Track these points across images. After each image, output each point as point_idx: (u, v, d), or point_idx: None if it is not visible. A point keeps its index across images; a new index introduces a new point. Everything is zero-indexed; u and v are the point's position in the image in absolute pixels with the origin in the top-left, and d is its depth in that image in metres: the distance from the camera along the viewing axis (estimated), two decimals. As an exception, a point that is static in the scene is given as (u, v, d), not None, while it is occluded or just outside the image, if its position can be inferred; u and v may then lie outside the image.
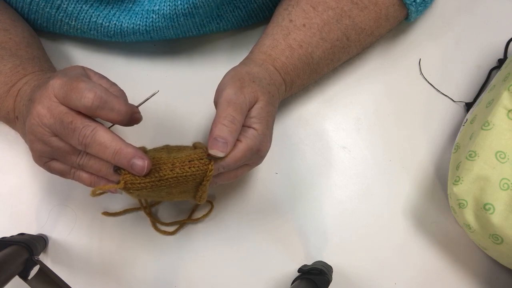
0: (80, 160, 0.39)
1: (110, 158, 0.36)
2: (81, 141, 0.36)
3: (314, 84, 0.56)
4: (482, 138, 0.45)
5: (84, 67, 0.40)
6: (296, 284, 0.43)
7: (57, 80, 0.36)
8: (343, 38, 0.49)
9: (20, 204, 0.50)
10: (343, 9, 0.48)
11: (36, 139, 0.38)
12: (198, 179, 0.39)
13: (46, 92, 0.36)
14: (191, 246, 0.50)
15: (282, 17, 0.49)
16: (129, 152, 0.36)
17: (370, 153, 0.54)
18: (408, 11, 0.52)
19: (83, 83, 0.35)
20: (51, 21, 0.52)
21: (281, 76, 0.47)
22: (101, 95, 0.35)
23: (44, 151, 0.38)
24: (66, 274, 0.48)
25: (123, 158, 0.36)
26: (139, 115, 0.40)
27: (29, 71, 0.45)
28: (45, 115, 0.36)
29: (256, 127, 0.41)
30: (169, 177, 0.38)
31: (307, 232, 0.51)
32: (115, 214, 0.50)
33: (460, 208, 0.45)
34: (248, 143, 0.40)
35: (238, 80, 0.41)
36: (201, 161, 0.39)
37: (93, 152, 0.36)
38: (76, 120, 0.36)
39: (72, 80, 0.36)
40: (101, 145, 0.36)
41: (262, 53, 0.47)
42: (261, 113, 0.41)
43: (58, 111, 0.36)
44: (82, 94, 0.35)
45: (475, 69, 0.57)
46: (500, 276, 0.49)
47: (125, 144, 0.36)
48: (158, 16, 0.49)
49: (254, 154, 0.41)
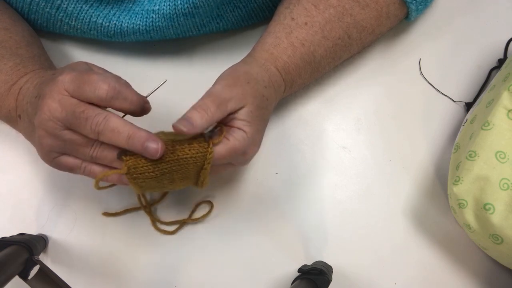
0: (94, 152, 0.39)
1: (124, 143, 0.37)
2: (94, 128, 0.37)
3: (314, 84, 0.56)
4: (482, 138, 0.45)
5: (87, 63, 0.41)
6: (296, 284, 0.43)
7: (67, 75, 0.37)
8: (344, 37, 0.49)
9: (20, 204, 0.50)
10: (345, 7, 0.48)
11: (47, 134, 0.38)
12: (199, 162, 0.40)
13: (56, 87, 0.37)
14: (191, 246, 0.50)
15: (283, 16, 0.49)
16: (142, 135, 0.37)
17: (370, 153, 0.54)
18: (408, 10, 0.52)
19: (95, 75, 0.37)
20: (51, 21, 0.52)
21: (282, 76, 0.47)
22: (115, 86, 0.37)
23: (55, 145, 0.39)
24: (66, 274, 0.48)
25: (136, 141, 0.37)
26: (148, 105, 0.41)
27: (30, 69, 0.45)
28: (57, 109, 0.37)
29: (246, 129, 0.41)
30: (170, 159, 0.39)
31: (307, 232, 0.51)
32: (115, 214, 0.50)
33: (460, 208, 0.45)
34: (234, 144, 0.40)
35: (231, 78, 0.42)
36: (201, 144, 0.39)
37: (107, 139, 0.37)
38: (88, 110, 0.37)
39: (83, 73, 0.37)
40: (114, 130, 0.37)
41: (265, 51, 0.47)
42: (251, 116, 0.41)
43: (69, 103, 0.37)
44: (96, 86, 0.36)
45: (475, 69, 0.57)
46: (500, 276, 0.49)
47: (137, 128, 0.37)
48: (158, 16, 0.49)
49: (240, 155, 0.42)
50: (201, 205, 0.51)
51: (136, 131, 0.37)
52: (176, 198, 0.51)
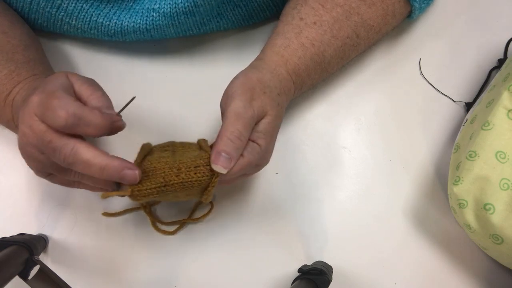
0: (75, 176, 0.38)
1: (97, 175, 0.35)
2: (64, 160, 0.35)
3: (315, 84, 0.56)
4: (482, 138, 0.45)
5: (68, 74, 0.39)
6: (296, 284, 0.43)
7: (35, 97, 0.35)
8: (353, 36, 0.49)
9: (20, 204, 0.50)
10: (351, 6, 0.48)
11: (28, 158, 0.38)
12: (203, 184, 0.39)
13: (27, 110, 0.35)
14: (191, 246, 0.50)
15: (291, 16, 0.48)
16: (116, 165, 0.35)
17: (370, 153, 0.54)
18: (411, 8, 0.52)
19: (55, 101, 0.34)
20: (51, 21, 0.51)
21: (292, 80, 0.46)
22: (74, 112, 0.34)
23: (39, 167, 0.38)
24: (66, 274, 0.48)
25: (112, 172, 0.35)
26: (120, 123, 0.37)
27: (23, 76, 0.44)
28: (29, 135, 0.35)
29: (261, 142, 0.40)
30: (175, 182, 0.38)
31: (307, 232, 0.51)
32: (115, 214, 0.50)
33: (460, 208, 0.45)
34: (249, 159, 0.39)
35: (248, 90, 0.40)
36: (207, 167, 0.38)
37: (79, 170, 0.36)
38: (55, 139, 0.35)
39: (48, 97, 0.35)
40: (85, 163, 0.35)
41: (275, 54, 0.46)
42: (267, 128, 0.41)
43: (38, 130, 0.35)
44: (54, 113, 0.34)
45: (475, 69, 0.57)
46: (500, 276, 0.49)
47: (110, 158, 0.35)
48: (159, 14, 0.49)
49: (253, 167, 0.41)
50: (201, 205, 0.51)
51: (109, 162, 0.35)
52: (176, 198, 0.51)
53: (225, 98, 0.41)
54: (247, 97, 0.40)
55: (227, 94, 0.41)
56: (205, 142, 0.43)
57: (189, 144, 0.44)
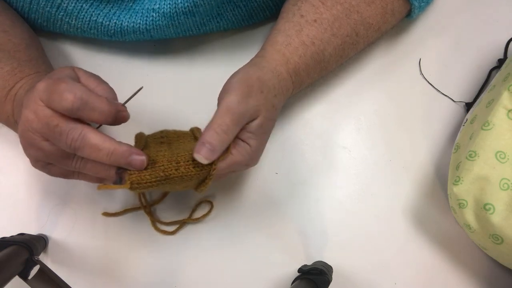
0: (76, 164, 0.38)
1: (105, 159, 0.35)
2: (70, 144, 0.35)
3: (314, 83, 0.56)
4: (482, 138, 0.45)
5: (74, 68, 0.39)
6: (296, 284, 0.43)
7: (42, 83, 0.35)
8: (352, 34, 0.49)
9: (20, 204, 0.50)
10: (351, 4, 0.48)
11: (28, 145, 0.37)
12: (202, 176, 0.40)
13: (32, 96, 0.35)
14: (191, 246, 0.50)
15: (292, 13, 0.48)
16: (124, 150, 0.36)
17: (370, 153, 0.54)
18: (411, 7, 0.52)
19: (63, 84, 0.34)
20: (51, 20, 0.51)
21: (292, 79, 0.46)
22: (81, 96, 0.34)
23: (38, 156, 0.38)
24: (66, 274, 0.48)
25: (120, 157, 0.36)
26: (125, 113, 0.38)
27: (26, 73, 0.45)
28: (33, 120, 0.35)
29: (251, 143, 0.41)
30: (174, 176, 0.38)
31: (307, 232, 0.51)
32: (115, 214, 0.50)
33: (460, 208, 0.45)
34: (237, 158, 0.40)
35: (246, 87, 0.40)
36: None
37: (86, 155, 0.36)
38: (62, 123, 0.35)
39: (55, 82, 0.35)
40: (93, 147, 0.35)
41: (276, 52, 0.46)
42: (259, 129, 0.41)
43: (43, 114, 0.35)
44: (61, 96, 0.34)
45: (475, 69, 0.57)
46: (500, 276, 0.49)
47: (118, 144, 0.36)
48: (159, 14, 0.49)
49: (242, 166, 0.42)
50: (201, 205, 0.51)
51: (117, 147, 0.35)
52: (176, 198, 0.51)
53: (222, 92, 0.41)
54: (244, 93, 0.40)
55: (224, 88, 0.41)
56: (198, 130, 0.43)
57: (183, 134, 0.44)
